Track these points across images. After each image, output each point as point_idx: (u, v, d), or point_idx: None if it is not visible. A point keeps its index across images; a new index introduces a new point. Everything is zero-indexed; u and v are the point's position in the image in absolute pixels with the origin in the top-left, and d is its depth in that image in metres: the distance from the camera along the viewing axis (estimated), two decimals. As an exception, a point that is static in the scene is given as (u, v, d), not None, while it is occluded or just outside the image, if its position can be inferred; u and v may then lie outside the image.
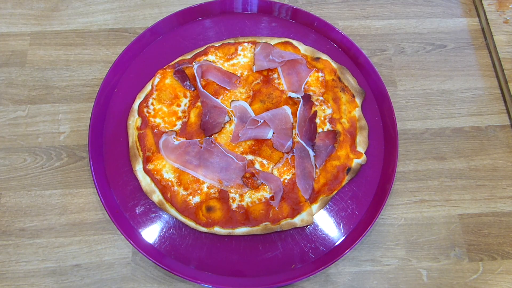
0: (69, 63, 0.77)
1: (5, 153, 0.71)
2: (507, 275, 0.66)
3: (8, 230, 0.66)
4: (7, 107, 0.74)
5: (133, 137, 0.70)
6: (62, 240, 0.66)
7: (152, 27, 0.76)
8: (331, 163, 0.69)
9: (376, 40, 0.83)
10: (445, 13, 0.86)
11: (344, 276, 0.65)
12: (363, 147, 0.71)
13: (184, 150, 0.68)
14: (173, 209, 0.65)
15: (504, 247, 0.68)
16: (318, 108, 0.73)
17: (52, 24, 0.81)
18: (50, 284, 0.63)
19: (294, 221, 0.66)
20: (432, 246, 0.68)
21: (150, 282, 0.64)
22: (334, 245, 0.66)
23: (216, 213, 0.65)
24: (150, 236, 0.65)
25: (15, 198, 0.68)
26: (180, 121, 0.71)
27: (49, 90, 0.75)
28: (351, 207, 0.68)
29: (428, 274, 0.66)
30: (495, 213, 0.70)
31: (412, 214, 0.70)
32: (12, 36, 0.79)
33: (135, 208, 0.67)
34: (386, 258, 0.67)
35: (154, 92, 0.72)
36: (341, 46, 0.79)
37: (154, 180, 0.67)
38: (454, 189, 0.72)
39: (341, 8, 0.85)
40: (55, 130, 0.72)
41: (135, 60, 0.75)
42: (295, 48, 0.77)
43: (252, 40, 0.77)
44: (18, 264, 0.64)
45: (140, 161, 0.68)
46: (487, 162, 0.74)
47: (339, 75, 0.75)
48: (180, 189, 0.67)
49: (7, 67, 0.76)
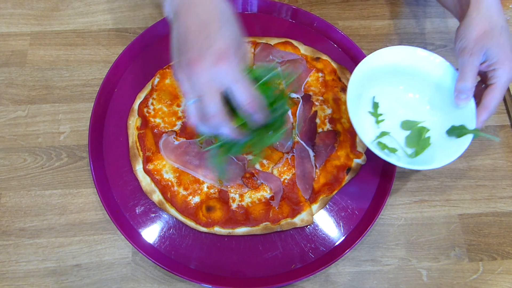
0: (69, 63, 0.77)
1: (5, 153, 0.71)
2: (507, 275, 0.66)
3: (8, 230, 0.66)
4: (7, 107, 0.74)
5: (133, 137, 0.70)
6: (62, 240, 0.66)
7: (152, 27, 0.76)
8: (331, 163, 0.69)
9: (376, 40, 0.83)
10: (445, 13, 0.86)
11: (344, 276, 0.65)
12: (363, 147, 0.71)
13: (184, 150, 0.68)
14: (173, 209, 0.65)
15: (504, 247, 0.68)
16: (318, 108, 0.73)
17: (52, 24, 0.81)
18: (50, 284, 0.63)
19: (294, 221, 0.66)
20: (432, 246, 0.68)
21: (150, 282, 0.64)
22: (334, 245, 0.66)
23: (216, 213, 0.65)
24: (150, 236, 0.65)
25: (15, 198, 0.68)
26: (180, 121, 0.71)
27: (49, 90, 0.75)
28: (351, 207, 0.68)
29: (428, 274, 0.66)
30: (495, 213, 0.70)
31: (412, 214, 0.70)
32: (12, 36, 0.79)
33: (135, 208, 0.67)
34: (386, 258, 0.67)
35: (154, 92, 0.72)
36: (341, 46, 0.79)
37: (154, 180, 0.67)
38: (454, 189, 0.72)
39: (341, 8, 0.85)
40: (55, 130, 0.72)
41: (135, 60, 0.75)
42: (295, 48, 0.77)
43: (252, 40, 0.77)
44: (18, 264, 0.64)
45: (140, 161, 0.68)
46: (487, 162, 0.74)
47: (339, 75, 0.75)
48: (180, 189, 0.67)
49: (7, 67, 0.76)
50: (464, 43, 0.60)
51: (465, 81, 0.60)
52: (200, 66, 0.46)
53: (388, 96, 0.69)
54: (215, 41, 0.47)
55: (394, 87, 0.70)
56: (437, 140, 0.65)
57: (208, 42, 0.46)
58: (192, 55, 0.46)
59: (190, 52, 0.47)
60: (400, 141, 0.67)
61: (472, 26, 0.60)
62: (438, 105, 0.67)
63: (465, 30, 0.61)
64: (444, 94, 0.65)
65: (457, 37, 0.62)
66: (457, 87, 0.62)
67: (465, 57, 0.60)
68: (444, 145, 0.64)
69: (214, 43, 0.46)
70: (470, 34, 0.60)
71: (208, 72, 0.46)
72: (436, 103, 0.68)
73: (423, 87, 0.68)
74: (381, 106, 0.68)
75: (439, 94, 0.66)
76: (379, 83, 0.68)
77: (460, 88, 0.61)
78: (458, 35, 0.62)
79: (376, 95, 0.69)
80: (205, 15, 0.48)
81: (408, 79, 0.68)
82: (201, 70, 0.46)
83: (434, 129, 0.66)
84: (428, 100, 0.68)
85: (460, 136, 0.62)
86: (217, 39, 0.47)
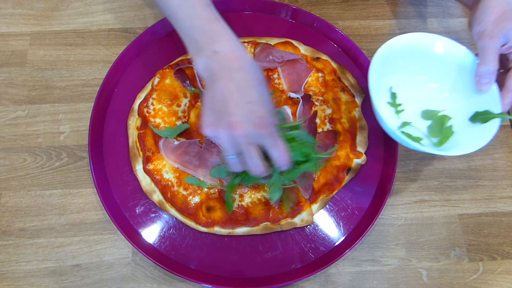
0: (69, 63, 0.77)
1: (5, 153, 0.71)
2: (507, 275, 0.66)
3: (8, 230, 0.66)
4: (7, 107, 0.74)
5: (133, 137, 0.70)
6: (62, 240, 0.66)
7: (152, 27, 0.76)
8: (331, 163, 0.69)
9: (376, 40, 0.83)
10: (445, 13, 0.86)
11: (344, 276, 0.65)
12: (363, 147, 0.71)
13: (184, 150, 0.68)
14: (173, 209, 0.65)
15: (504, 247, 0.68)
16: (318, 108, 0.73)
17: (52, 24, 0.81)
18: (50, 284, 0.63)
19: (294, 221, 0.66)
20: (432, 246, 0.68)
21: (150, 282, 0.64)
22: (334, 245, 0.66)
23: (216, 213, 0.65)
24: (150, 236, 0.65)
25: (15, 198, 0.68)
26: (180, 121, 0.71)
27: (49, 90, 0.75)
28: (351, 207, 0.68)
29: (428, 274, 0.66)
30: (495, 213, 0.70)
31: (412, 214, 0.70)
32: (12, 36, 0.79)
33: (135, 208, 0.67)
34: (386, 258, 0.67)
35: (154, 92, 0.72)
36: (341, 46, 0.79)
37: (154, 180, 0.67)
38: (454, 189, 0.72)
39: (341, 8, 0.85)
40: (55, 130, 0.72)
41: (135, 60, 0.75)
42: (295, 48, 0.77)
43: (252, 40, 0.77)
44: (18, 264, 0.64)
45: (140, 161, 0.68)
46: (487, 162, 0.74)
47: (339, 75, 0.75)
48: (180, 189, 0.67)
49: (7, 67, 0.76)
50: (483, 26, 0.60)
51: (487, 64, 0.59)
52: (244, 130, 0.51)
53: (405, 85, 0.69)
54: (255, 107, 0.52)
55: (411, 76, 0.69)
56: (460, 127, 0.65)
57: (249, 108, 0.52)
58: (235, 118, 0.51)
59: (233, 116, 0.51)
60: (422, 131, 0.67)
61: (490, 9, 0.60)
62: (459, 93, 0.66)
63: (483, 14, 0.60)
64: (465, 81, 0.64)
65: (474, 22, 0.62)
66: (479, 72, 0.61)
67: (485, 40, 0.59)
68: (468, 132, 0.63)
69: (255, 109, 0.52)
70: (489, 17, 0.59)
71: (251, 135, 0.52)
72: (457, 90, 0.67)
73: (443, 75, 0.67)
74: (399, 96, 0.68)
75: (460, 81, 0.65)
76: (396, 72, 0.68)
77: (482, 72, 0.60)
78: (475, 20, 0.62)
79: (393, 85, 0.69)
80: (243, 81, 0.53)
81: (426, 67, 0.68)
82: (244, 133, 0.52)
83: (455, 117, 0.66)
84: (449, 88, 0.68)
85: (486, 121, 0.61)
86: (257, 105, 0.53)
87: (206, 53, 0.54)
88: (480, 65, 0.61)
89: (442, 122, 0.66)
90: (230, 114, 0.52)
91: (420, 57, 0.67)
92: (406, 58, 0.66)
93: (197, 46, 0.56)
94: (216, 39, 0.55)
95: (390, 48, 0.64)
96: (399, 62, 0.67)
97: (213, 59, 0.54)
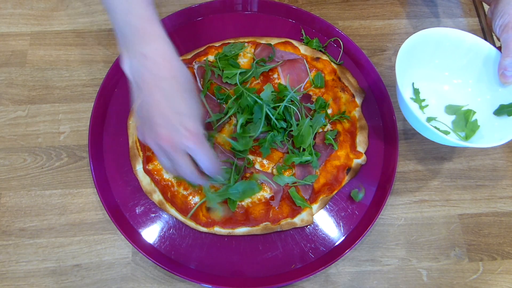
0: (69, 63, 0.77)
1: (5, 153, 0.71)
2: (507, 275, 0.66)
3: (8, 230, 0.66)
4: (7, 107, 0.74)
5: (133, 137, 0.70)
6: (62, 240, 0.66)
7: (152, 27, 0.76)
8: (331, 163, 0.69)
9: (376, 40, 0.83)
10: (445, 13, 0.86)
11: (344, 276, 0.65)
12: (363, 147, 0.71)
13: (184, 150, 0.68)
14: (173, 209, 0.65)
15: (504, 247, 0.68)
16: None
17: (52, 24, 0.81)
18: (50, 284, 0.63)
19: (294, 221, 0.66)
20: (432, 246, 0.68)
21: (150, 282, 0.64)
22: (334, 245, 0.66)
23: (216, 213, 0.65)
24: (150, 236, 0.65)
25: (15, 198, 0.68)
26: (180, 121, 0.71)
27: (49, 90, 0.75)
28: (351, 207, 0.68)
29: (428, 274, 0.66)
30: (495, 213, 0.70)
31: (412, 214, 0.70)
32: (12, 36, 0.79)
33: (135, 208, 0.67)
34: (386, 258, 0.67)
35: (154, 92, 0.72)
36: (341, 46, 0.79)
37: (154, 180, 0.67)
38: (454, 189, 0.72)
39: (341, 8, 0.85)
40: (55, 130, 0.72)
41: (135, 60, 0.75)
42: (295, 48, 0.77)
43: (252, 40, 0.77)
44: (18, 264, 0.64)
45: (140, 161, 0.68)
46: (487, 162, 0.74)
47: (339, 75, 0.75)
48: (180, 189, 0.67)
49: (7, 67, 0.76)
50: (506, 19, 0.60)
51: (511, 56, 0.60)
52: (170, 142, 0.51)
53: (427, 80, 0.69)
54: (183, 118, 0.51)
55: (434, 71, 0.69)
56: (485, 121, 0.65)
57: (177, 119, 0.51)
58: (161, 130, 0.51)
59: (159, 128, 0.51)
60: (448, 125, 0.68)
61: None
62: (483, 86, 0.67)
63: (506, 6, 0.61)
64: (489, 74, 0.65)
65: (496, 15, 0.62)
66: (503, 64, 0.61)
67: (509, 32, 0.60)
68: (494, 125, 0.64)
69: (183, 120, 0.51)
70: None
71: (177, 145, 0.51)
72: (481, 84, 0.67)
73: (466, 70, 0.68)
74: (422, 91, 0.69)
75: (485, 75, 0.66)
76: (419, 67, 0.68)
77: (506, 65, 0.60)
78: (496, 13, 0.62)
79: (415, 80, 0.69)
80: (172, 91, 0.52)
81: (450, 62, 0.68)
82: (170, 145, 0.51)
83: (479, 111, 0.66)
84: (472, 83, 0.68)
85: (511, 114, 0.62)
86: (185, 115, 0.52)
87: (135, 54, 0.53)
88: (504, 57, 0.61)
89: (467, 116, 0.66)
90: (157, 125, 0.51)
91: (444, 51, 0.67)
92: (430, 53, 0.67)
93: (127, 44, 0.54)
94: (147, 39, 0.53)
95: (414, 43, 0.64)
96: (423, 56, 0.67)
97: (142, 63, 0.53)
